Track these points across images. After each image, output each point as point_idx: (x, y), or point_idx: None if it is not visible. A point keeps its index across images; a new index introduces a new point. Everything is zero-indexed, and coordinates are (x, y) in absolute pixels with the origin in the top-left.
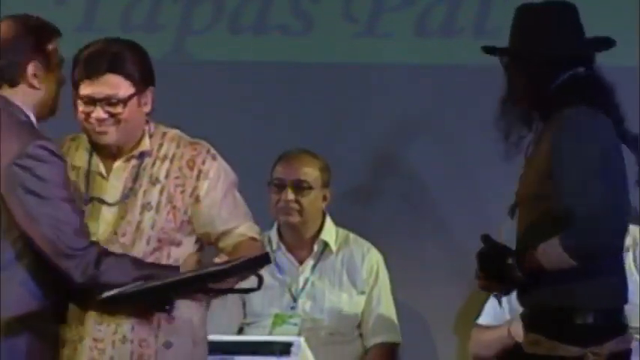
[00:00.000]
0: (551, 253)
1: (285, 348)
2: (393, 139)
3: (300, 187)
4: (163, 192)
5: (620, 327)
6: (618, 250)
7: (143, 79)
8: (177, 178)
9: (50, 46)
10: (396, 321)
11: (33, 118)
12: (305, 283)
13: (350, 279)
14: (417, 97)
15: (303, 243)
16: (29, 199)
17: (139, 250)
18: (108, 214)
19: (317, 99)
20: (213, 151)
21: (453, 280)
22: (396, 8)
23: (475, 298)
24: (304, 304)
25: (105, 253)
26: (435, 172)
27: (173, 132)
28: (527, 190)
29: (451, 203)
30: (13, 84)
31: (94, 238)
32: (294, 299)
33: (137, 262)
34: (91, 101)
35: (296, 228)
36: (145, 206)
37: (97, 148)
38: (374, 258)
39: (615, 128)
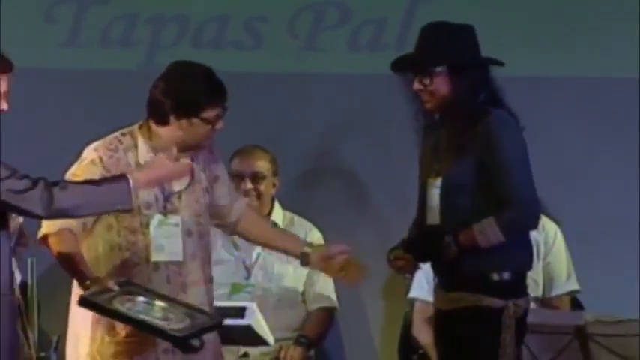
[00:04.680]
0: (488, 231)
1: (240, 312)
2: (330, 136)
3: (256, 177)
4: (208, 177)
5: (526, 287)
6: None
7: None
8: (208, 164)
9: None
10: (333, 289)
11: None
12: (257, 258)
13: None
14: (349, 101)
15: None
16: None
17: (208, 226)
18: (185, 199)
19: (267, 103)
20: None
21: (380, 254)
22: (331, 27)
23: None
24: (256, 275)
25: (51, 183)
26: (365, 164)
27: None
28: (456, 180)
29: (378, 190)
30: None
31: (180, 224)
32: (248, 271)
33: (81, 184)
34: (210, 122)
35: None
36: (204, 190)
37: (157, 146)
38: (315, 236)
39: None
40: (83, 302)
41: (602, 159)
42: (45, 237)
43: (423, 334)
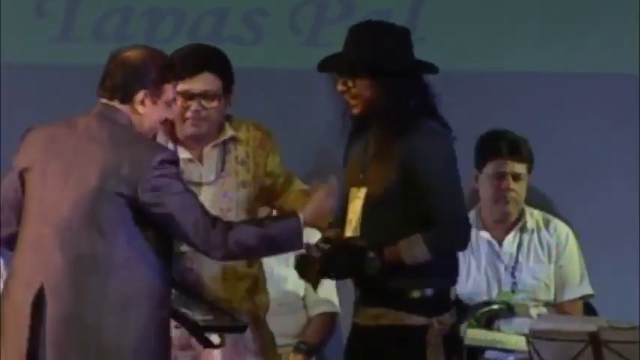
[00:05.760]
0: (415, 248)
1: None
2: (331, 133)
3: None
4: (249, 171)
5: (451, 303)
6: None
7: (230, 80)
8: (255, 157)
9: (166, 86)
10: (335, 294)
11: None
12: None
13: None
14: None
15: None
16: (169, 199)
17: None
18: (208, 192)
19: (267, 100)
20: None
21: None
22: (334, 21)
23: None
24: None
25: (227, 223)
26: None
27: (237, 118)
28: (380, 191)
29: None
30: (122, 101)
31: None
32: None
33: (252, 222)
34: (189, 96)
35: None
36: (240, 184)
37: (177, 137)
38: (315, 238)
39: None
40: None
41: (605, 157)
42: None
43: None
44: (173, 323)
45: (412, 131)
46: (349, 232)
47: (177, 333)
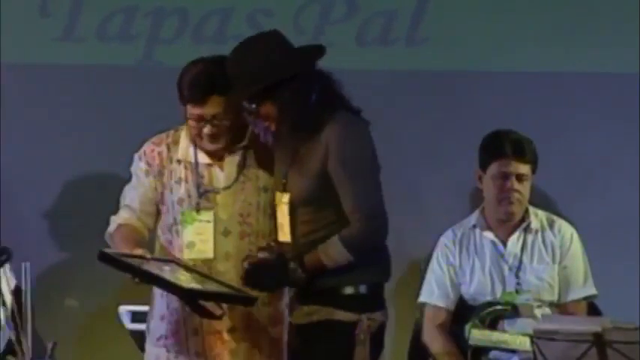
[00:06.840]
0: (333, 251)
1: None
2: None
3: None
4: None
5: (383, 301)
6: (384, 244)
7: None
8: None
9: None
10: None
11: None
12: None
13: None
14: (357, 98)
15: None
16: None
17: (265, 226)
18: (228, 198)
19: None
20: None
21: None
22: (338, 21)
23: (408, 276)
24: None
25: None
26: None
27: None
28: (302, 194)
29: (387, 189)
30: None
31: (213, 221)
32: None
33: None
34: (202, 119)
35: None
36: (261, 189)
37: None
38: None
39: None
40: (101, 257)
41: (605, 157)
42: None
43: (434, 342)
44: (191, 329)
45: (324, 129)
46: (281, 236)
47: (193, 340)
